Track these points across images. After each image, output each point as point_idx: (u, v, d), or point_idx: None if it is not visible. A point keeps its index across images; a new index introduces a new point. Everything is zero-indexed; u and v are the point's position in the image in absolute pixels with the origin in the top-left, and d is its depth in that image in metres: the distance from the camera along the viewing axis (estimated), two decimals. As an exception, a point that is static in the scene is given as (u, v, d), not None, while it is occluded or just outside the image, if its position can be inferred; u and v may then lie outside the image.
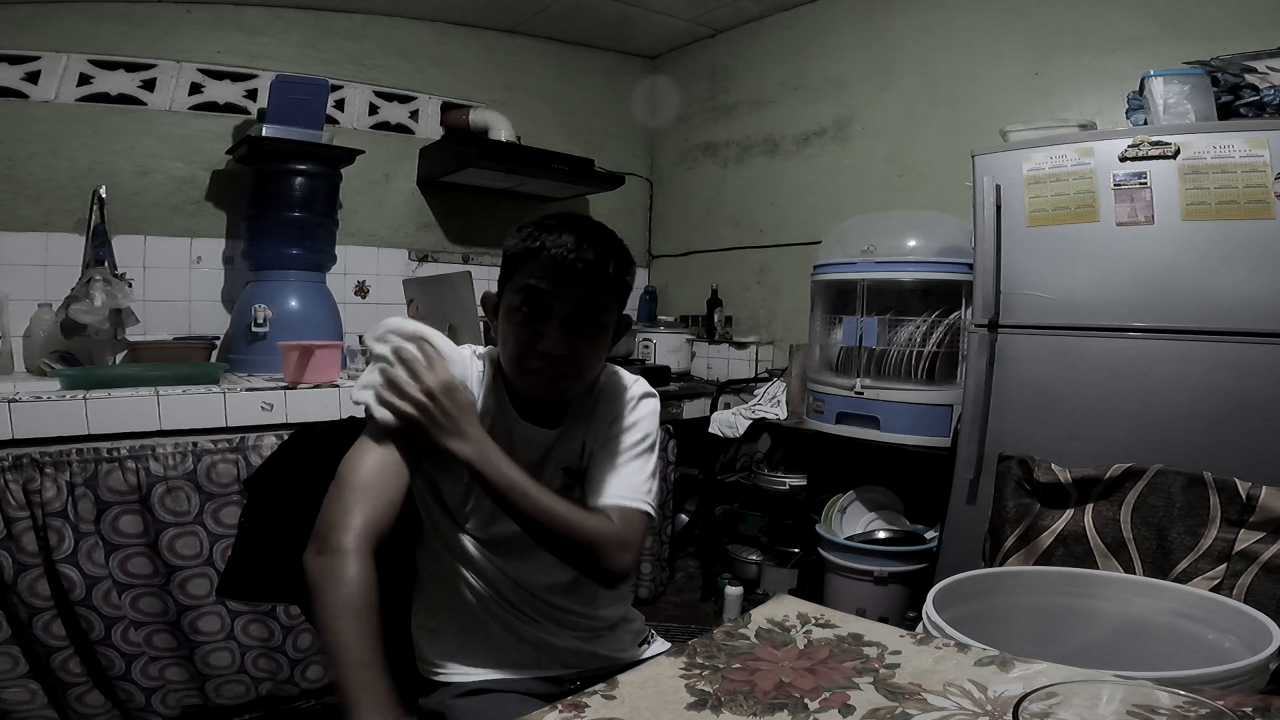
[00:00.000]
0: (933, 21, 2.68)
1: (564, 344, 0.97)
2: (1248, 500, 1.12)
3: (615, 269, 0.99)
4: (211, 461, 1.83)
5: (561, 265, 0.96)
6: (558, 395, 1.04)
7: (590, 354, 1.01)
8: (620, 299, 1.04)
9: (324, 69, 2.71)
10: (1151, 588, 0.97)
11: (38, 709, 1.68)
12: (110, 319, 2.16)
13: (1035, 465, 1.31)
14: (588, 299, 0.98)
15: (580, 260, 0.96)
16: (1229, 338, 1.59)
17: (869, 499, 2.46)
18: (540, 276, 0.97)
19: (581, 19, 3.15)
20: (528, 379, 1.01)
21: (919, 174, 2.71)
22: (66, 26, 2.31)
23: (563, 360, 0.98)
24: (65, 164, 2.33)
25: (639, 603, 2.62)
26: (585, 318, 0.99)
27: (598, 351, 1.02)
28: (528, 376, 1.01)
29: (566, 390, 1.04)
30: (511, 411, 1.06)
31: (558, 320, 0.97)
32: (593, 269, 0.97)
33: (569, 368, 0.99)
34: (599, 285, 0.98)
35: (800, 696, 0.68)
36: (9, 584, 1.62)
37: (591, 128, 3.47)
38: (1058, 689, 0.58)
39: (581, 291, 0.97)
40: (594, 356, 1.02)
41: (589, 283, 0.97)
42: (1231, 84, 1.74)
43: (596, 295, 0.99)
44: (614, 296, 1.02)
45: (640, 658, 1.15)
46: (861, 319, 2.35)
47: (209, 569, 1.82)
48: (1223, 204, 1.59)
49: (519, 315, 0.99)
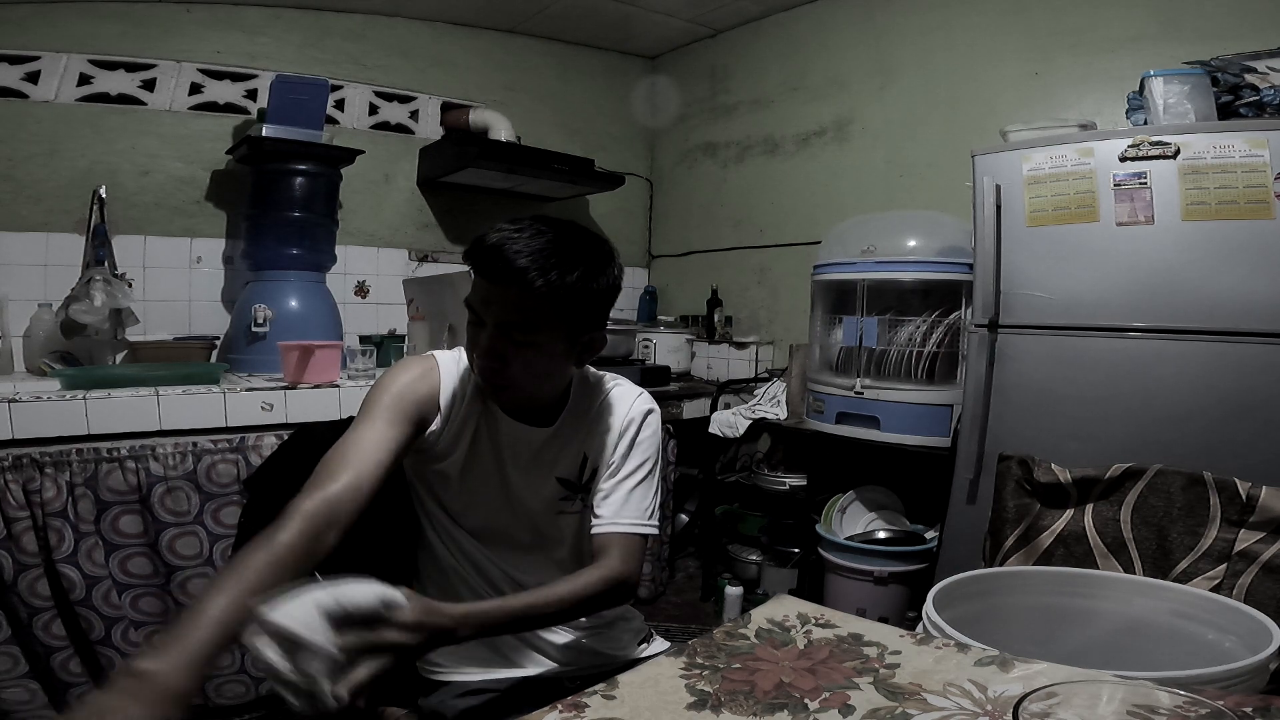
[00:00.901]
0: (933, 21, 2.68)
1: (493, 356, 0.96)
2: (1248, 500, 1.12)
3: (548, 284, 0.92)
4: (211, 461, 1.83)
5: (486, 281, 0.94)
6: (506, 402, 1.04)
7: (522, 369, 0.98)
8: (562, 314, 0.96)
9: (324, 69, 2.71)
10: (1151, 588, 0.97)
11: (38, 709, 1.68)
12: (110, 319, 2.16)
13: (1035, 465, 1.31)
14: (509, 319, 0.95)
15: (503, 277, 0.92)
16: (1229, 338, 1.59)
17: (869, 499, 2.46)
18: (474, 288, 0.97)
19: (581, 19, 3.15)
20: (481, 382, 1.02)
21: (919, 174, 2.70)
22: (66, 26, 2.31)
23: (494, 372, 0.98)
24: (65, 164, 2.33)
25: (639, 602, 2.62)
26: (509, 335, 0.95)
27: (532, 366, 0.98)
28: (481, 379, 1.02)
29: (508, 397, 1.03)
30: (497, 410, 1.07)
31: (487, 333, 0.96)
32: (517, 286, 0.92)
33: (500, 379, 0.99)
34: (521, 303, 0.93)
35: (800, 696, 0.68)
36: (9, 584, 1.62)
37: (591, 128, 3.47)
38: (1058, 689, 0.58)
39: (501, 311, 0.94)
40: (527, 372, 0.99)
41: (510, 301, 0.93)
42: (1231, 84, 1.74)
43: (520, 314, 0.94)
44: (549, 312, 0.95)
45: (639, 657, 1.15)
46: (861, 319, 2.35)
47: (209, 569, 1.81)
48: (1223, 204, 1.59)
49: (468, 319, 0.99)
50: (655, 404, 1.14)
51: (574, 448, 1.09)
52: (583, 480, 1.10)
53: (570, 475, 1.10)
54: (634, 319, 3.50)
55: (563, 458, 1.09)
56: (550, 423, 1.08)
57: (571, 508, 1.10)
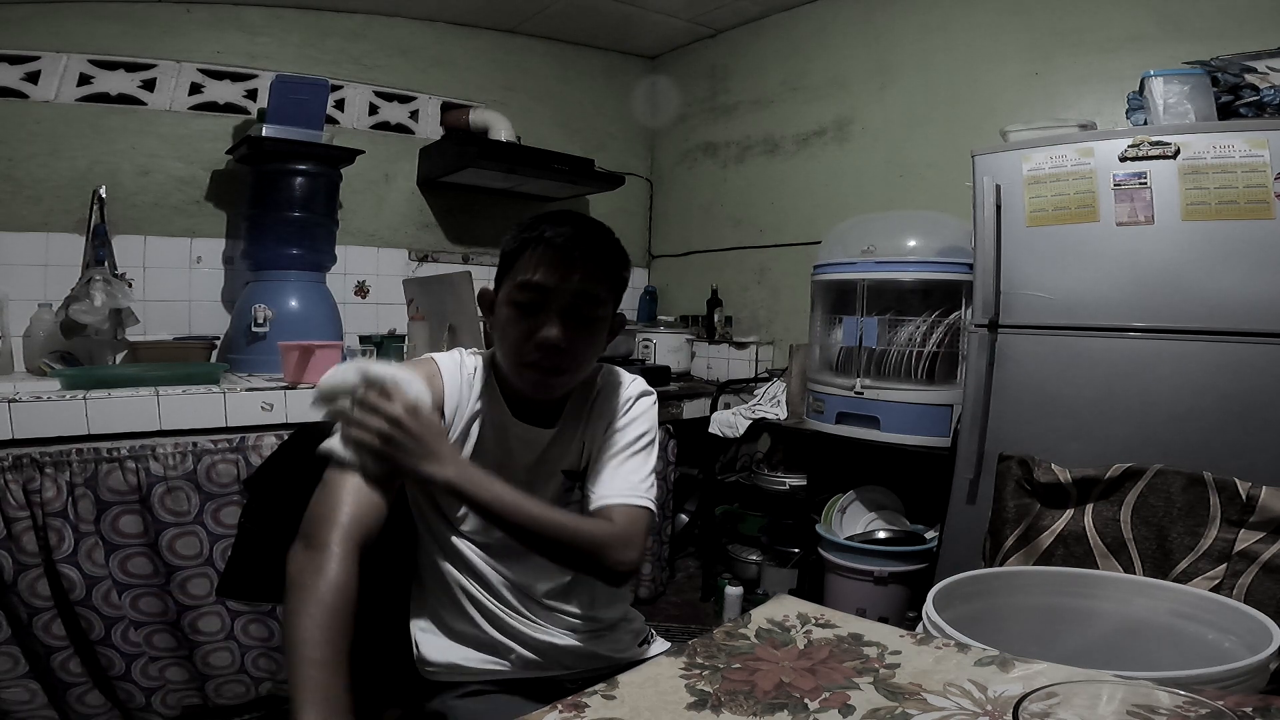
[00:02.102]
0: (933, 21, 2.68)
1: (561, 335, 0.98)
2: (1248, 500, 1.12)
3: (612, 263, 1.01)
4: (211, 461, 1.83)
5: (559, 257, 0.97)
6: (554, 389, 1.04)
7: (585, 347, 1.01)
8: (615, 294, 1.04)
9: (324, 69, 2.71)
10: (1151, 588, 0.97)
11: (38, 709, 1.68)
12: (110, 319, 2.16)
13: (1035, 465, 1.31)
14: (584, 291, 0.99)
15: (577, 250, 0.97)
16: (1229, 338, 1.59)
17: (869, 499, 2.46)
18: (538, 268, 0.98)
19: (581, 19, 3.15)
20: (525, 373, 1.01)
21: (919, 174, 2.70)
22: (66, 26, 2.31)
23: (558, 352, 0.98)
24: (65, 164, 2.33)
25: (639, 603, 2.62)
26: (581, 310, 0.99)
27: (593, 345, 1.03)
28: (525, 370, 1.01)
29: (561, 384, 1.04)
30: (506, 411, 1.06)
31: (555, 311, 0.98)
32: (590, 260, 0.98)
33: (565, 360, 0.99)
34: (595, 277, 0.99)
35: (800, 696, 0.68)
36: (9, 584, 1.62)
37: (591, 128, 3.47)
38: (1058, 689, 0.58)
39: (579, 283, 0.98)
40: (589, 350, 1.02)
41: (586, 274, 0.98)
42: (1231, 84, 1.74)
43: (593, 288, 0.99)
44: (609, 290, 1.02)
45: (640, 658, 1.15)
46: (861, 319, 2.35)
47: (209, 569, 1.81)
48: (1223, 204, 1.59)
49: (517, 308, 0.99)
50: (650, 389, 1.14)
51: (575, 439, 1.10)
52: (581, 466, 1.09)
53: (572, 465, 1.10)
54: (634, 319, 3.50)
55: (566, 452, 1.09)
56: (554, 421, 1.08)
57: (573, 498, 1.10)
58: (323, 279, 2.52)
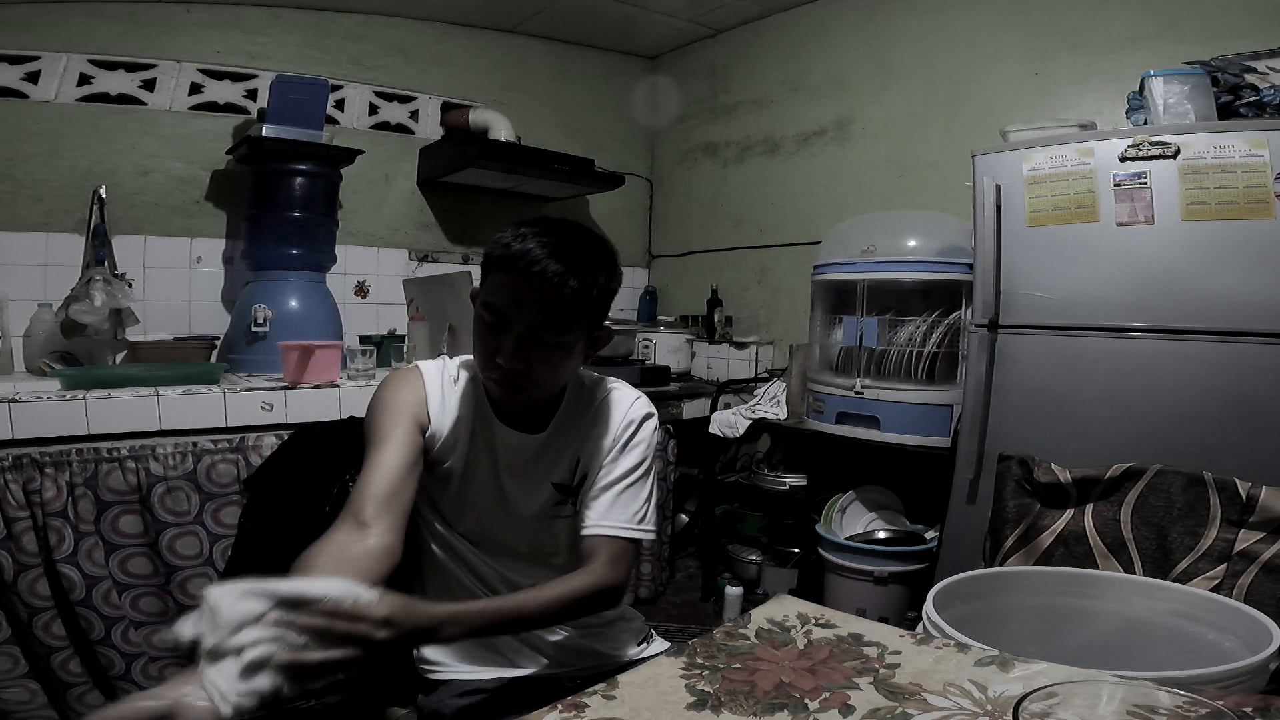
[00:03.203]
0: (933, 21, 2.68)
1: (519, 359, 0.96)
2: (1248, 500, 1.12)
3: (580, 286, 0.95)
4: (211, 461, 1.83)
5: (521, 284, 0.93)
6: (519, 402, 1.03)
7: (548, 370, 0.99)
8: (589, 314, 1.00)
9: (324, 69, 2.71)
10: (1151, 588, 0.97)
11: (38, 709, 1.68)
12: (110, 319, 2.16)
13: (1035, 465, 1.31)
14: (543, 321, 0.95)
15: (539, 279, 0.92)
16: (1229, 338, 1.59)
17: (869, 499, 2.46)
18: (500, 290, 0.96)
19: (581, 19, 3.15)
20: (492, 386, 1.02)
21: (919, 174, 2.70)
22: (66, 26, 2.31)
23: (518, 374, 0.97)
24: (65, 164, 2.33)
25: (639, 602, 2.63)
26: (543, 337, 0.96)
27: (556, 367, 1.00)
28: (490, 382, 1.01)
29: (527, 400, 1.03)
30: (491, 415, 1.06)
31: (514, 335, 0.96)
32: (558, 288, 0.93)
33: (524, 381, 0.98)
34: (556, 305, 0.94)
35: (800, 696, 0.68)
36: (9, 584, 1.62)
37: (591, 128, 3.47)
38: (1058, 689, 0.58)
39: (536, 313, 0.95)
40: (552, 373, 1.01)
41: (545, 303, 0.94)
42: (1231, 84, 1.74)
43: (553, 316, 0.95)
44: (580, 313, 0.98)
45: (639, 657, 1.15)
46: (861, 319, 2.35)
47: (209, 569, 1.81)
48: (1223, 204, 1.59)
49: (482, 324, 0.99)
50: (654, 408, 1.13)
51: (568, 451, 1.09)
52: (574, 483, 1.09)
53: (564, 479, 1.09)
54: (634, 319, 3.50)
55: (558, 463, 1.09)
56: (543, 428, 1.08)
57: (565, 512, 1.10)
58: (323, 279, 2.52)
